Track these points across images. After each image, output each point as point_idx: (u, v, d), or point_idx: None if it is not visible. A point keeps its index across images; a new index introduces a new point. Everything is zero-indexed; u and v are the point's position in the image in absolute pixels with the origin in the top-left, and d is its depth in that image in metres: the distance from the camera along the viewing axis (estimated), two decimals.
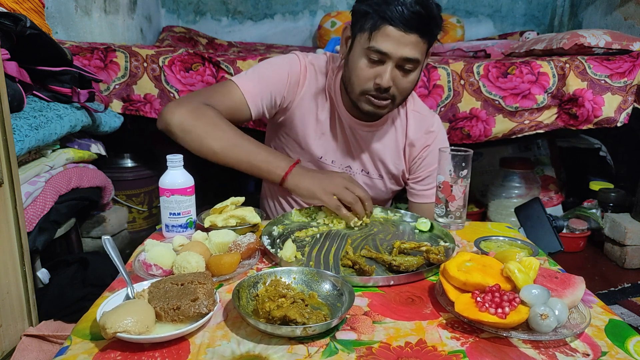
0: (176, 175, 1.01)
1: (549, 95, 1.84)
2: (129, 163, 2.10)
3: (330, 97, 1.27)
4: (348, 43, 1.19)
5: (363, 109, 1.18)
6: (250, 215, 1.05)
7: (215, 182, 2.07)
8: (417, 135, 1.31)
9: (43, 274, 1.20)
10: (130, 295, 0.76)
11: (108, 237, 0.86)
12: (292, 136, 1.31)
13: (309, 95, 1.26)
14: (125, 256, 1.23)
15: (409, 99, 1.30)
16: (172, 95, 1.78)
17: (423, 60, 1.16)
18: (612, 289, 1.78)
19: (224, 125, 1.15)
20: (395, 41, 1.08)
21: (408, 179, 1.38)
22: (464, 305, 0.72)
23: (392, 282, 0.85)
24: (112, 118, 1.60)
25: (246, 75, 1.24)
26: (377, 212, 1.20)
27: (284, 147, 1.35)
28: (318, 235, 1.06)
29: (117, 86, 1.76)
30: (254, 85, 1.22)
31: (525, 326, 0.70)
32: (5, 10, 1.17)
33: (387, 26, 1.07)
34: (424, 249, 0.96)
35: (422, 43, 1.11)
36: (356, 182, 1.15)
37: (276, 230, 1.08)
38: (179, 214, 1.01)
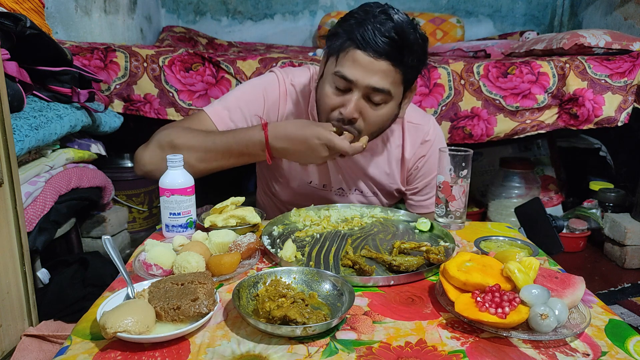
0: (176, 175, 1.01)
1: (549, 95, 1.84)
2: (129, 163, 2.10)
3: (313, 117, 1.20)
4: (323, 68, 1.11)
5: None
6: (250, 215, 1.05)
7: (215, 182, 2.07)
8: (413, 148, 1.25)
9: (43, 274, 1.20)
10: (131, 295, 0.76)
11: (108, 237, 0.86)
12: (279, 162, 1.25)
13: (290, 118, 1.19)
14: (125, 256, 1.23)
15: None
16: (171, 95, 1.78)
17: (400, 94, 1.07)
18: (612, 289, 1.78)
19: (185, 137, 1.07)
20: (363, 67, 0.98)
21: (405, 191, 1.33)
22: (464, 305, 0.72)
23: (392, 282, 0.85)
24: (112, 118, 1.60)
25: (218, 101, 1.19)
26: (377, 212, 1.20)
27: (274, 172, 1.30)
28: (318, 235, 1.06)
29: (117, 86, 1.77)
30: (224, 109, 1.16)
31: (525, 326, 0.70)
32: (5, 10, 1.17)
33: (355, 50, 0.98)
34: (424, 249, 0.95)
35: (394, 72, 1.00)
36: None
37: (276, 230, 1.08)
38: (179, 214, 1.01)
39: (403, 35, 0.98)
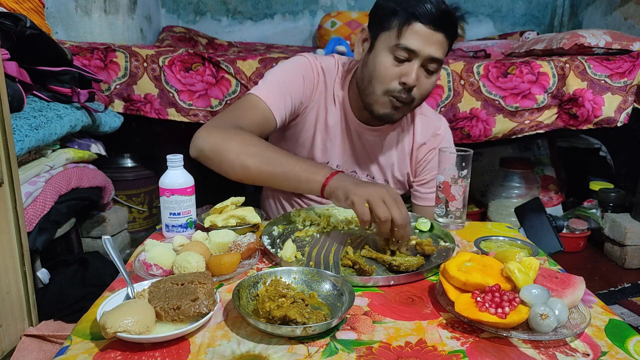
0: (176, 175, 1.01)
1: (549, 95, 1.84)
2: (129, 163, 2.10)
3: (338, 101, 1.25)
4: (365, 45, 1.17)
5: (378, 112, 1.15)
6: (250, 215, 1.05)
7: (215, 182, 2.07)
8: (424, 139, 1.31)
9: (43, 274, 1.20)
10: (131, 295, 0.76)
11: (108, 237, 0.85)
12: (300, 140, 1.28)
13: (321, 99, 1.25)
14: (125, 256, 1.23)
15: None
16: (171, 95, 1.78)
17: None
18: (612, 289, 1.78)
19: (256, 142, 1.08)
20: (424, 39, 1.08)
21: (413, 182, 1.37)
22: (464, 305, 0.72)
23: (392, 282, 0.85)
24: (112, 118, 1.60)
25: (265, 85, 1.19)
26: None
27: (289, 151, 1.31)
28: (318, 235, 1.06)
29: (117, 86, 1.76)
30: (275, 94, 1.17)
31: (525, 326, 0.70)
32: (5, 10, 1.17)
33: (417, 23, 1.07)
34: (413, 242, 0.96)
35: (446, 43, 1.11)
36: (400, 201, 0.95)
37: (276, 230, 1.08)
38: (179, 214, 1.01)
39: (453, 9, 1.09)
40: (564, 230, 2.09)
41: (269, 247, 0.96)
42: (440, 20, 1.07)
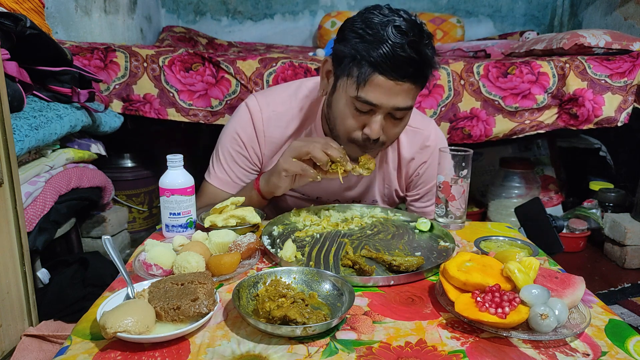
0: (176, 175, 1.01)
1: (549, 95, 1.84)
2: (129, 163, 2.10)
3: (309, 131, 1.19)
4: (329, 79, 1.08)
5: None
6: (250, 215, 1.05)
7: None
8: (411, 153, 1.22)
9: (43, 274, 1.20)
10: (131, 295, 0.76)
11: (108, 237, 0.85)
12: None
13: (275, 146, 1.19)
14: (125, 256, 1.23)
15: None
16: (171, 95, 1.78)
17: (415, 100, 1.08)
18: (612, 289, 1.78)
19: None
20: (386, 91, 0.97)
21: (407, 196, 1.31)
22: (464, 305, 0.72)
23: (392, 282, 0.85)
24: (112, 118, 1.60)
25: (217, 166, 1.21)
26: (377, 212, 1.20)
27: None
28: (318, 235, 1.06)
29: (117, 86, 1.76)
30: (226, 177, 1.21)
31: (525, 326, 0.70)
32: (5, 10, 1.17)
33: (377, 75, 0.95)
34: (350, 166, 1.02)
35: (415, 89, 1.00)
36: (309, 139, 1.04)
37: (276, 230, 1.08)
38: (179, 214, 1.01)
39: (420, 52, 0.95)
40: (564, 230, 2.09)
41: (269, 247, 0.96)
42: (404, 68, 0.95)
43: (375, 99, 0.98)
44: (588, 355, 0.66)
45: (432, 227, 1.11)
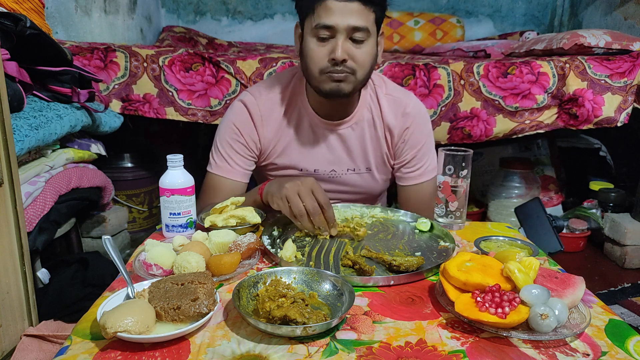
0: (176, 175, 1.01)
1: (549, 95, 1.84)
2: (129, 163, 2.10)
3: (299, 111, 1.26)
4: (300, 39, 1.19)
5: (325, 90, 1.15)
6: (250, 215, 1.05)
7: None
8: (394, 120, 1.28)
9: (43, 274, 1.20)
10: (131, 295, 0.76)
11: (108, 237, 0.86)
12: (276, 162, 1.31)
13: (275, 126, 1.27)
14: (125, 256, 1.23)
15: (380, 84, 1.28)
16: (170, 94, 1.78)
17: (376, 33, 1.15)
18: (612, 289, 1.78)
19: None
20: (339, 12, 1.08)
21: (394, 165, 1.35)
22: (464, 305, 0.72)
23: (392, 282, 0.85)
24: (112, 118, 1.60)
25: (217, 156, 1.27)
26: (377, 212, 1.20)
27: (268, 175, 1.34)
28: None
29: (116, 86, 1.76)
30: (228, 165, 1.25)
31: (525, 326, 0.70)
32: (5, 10, 1.17)
33: (327, 0, 1.08)
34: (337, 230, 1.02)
35: (367, 11, 1.10)
36: (316, 188, 1.04)
37: (276, 230, 1.08)
38: (179, 214, 1.01)
39: None
40: (564, 230, 2.09)
41: (269, 247, 0.96)
42: None
43: (329, 21, 1.08)
44: (588, 355, 0.66)
45: (432, 227, 1.11)
